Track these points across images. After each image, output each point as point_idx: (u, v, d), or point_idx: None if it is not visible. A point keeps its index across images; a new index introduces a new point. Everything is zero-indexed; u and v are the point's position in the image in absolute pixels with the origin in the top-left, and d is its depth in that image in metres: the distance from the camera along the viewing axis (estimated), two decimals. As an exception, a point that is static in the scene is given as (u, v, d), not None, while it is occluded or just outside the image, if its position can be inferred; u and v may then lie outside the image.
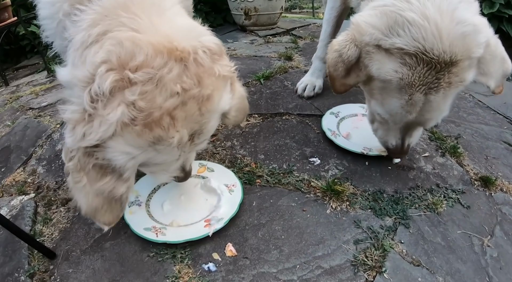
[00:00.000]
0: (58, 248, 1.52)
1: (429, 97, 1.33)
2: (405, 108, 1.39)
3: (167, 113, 1.00)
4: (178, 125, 1.04)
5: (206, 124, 1.15)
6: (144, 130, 0.99)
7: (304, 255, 1.43)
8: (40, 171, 2.08)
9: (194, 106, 1.06)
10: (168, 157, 1.13)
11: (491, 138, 2.20)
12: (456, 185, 1.80)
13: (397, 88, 1.35)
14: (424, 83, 1.29)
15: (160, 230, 1.49)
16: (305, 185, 1.76)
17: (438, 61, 1.24)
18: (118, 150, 1.03)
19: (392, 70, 1.31)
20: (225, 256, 1.43)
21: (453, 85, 1.31)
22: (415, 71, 1.27)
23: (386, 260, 1.41)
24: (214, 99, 1.12)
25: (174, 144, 1.05)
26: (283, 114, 2.32)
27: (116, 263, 1.43)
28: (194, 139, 1.16)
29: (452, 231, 1.55)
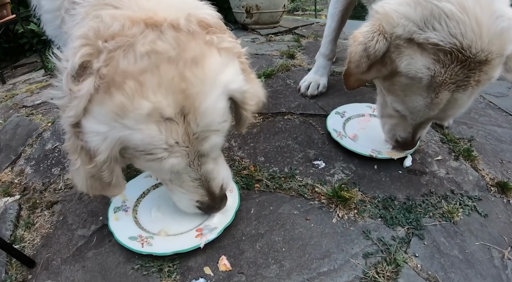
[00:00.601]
0: (38, 256, 1.41)
1: (455, 95, 1.23)
2: (429, 107, 1.29)
3: (131, 77, 0.88)
4: (147, 92, 0.88)
5: (200, 99, 0.95)
6: (104, 97, 0.89)
7: (307, 271, 1.27)
8: (28, 171, 1.98)
9: (172, 69, 0.91)
10: (146, 139, 0.94)
11: (505, 141, 2.07)
12: (472, 191, 1.67)
13: (425, 86, 1.24)
14: (454, 81, 1.19)
15: (146, 240, 1.34)
16: (308, 191, 1.60)
17: (474, 60, 1.13)
18: (90, 129, 0.95)
19: (424, 67, 1.20)
20: (218, 271, 1.28)
21: (481, 83, 1.21)
22: (448, 69, 1.17)
23: (400, 276, 1.26)
24: (205, 64, 0.96)
25: (143, 115, 0.89)
26: (285, 114, 2.16)
27: (97, 275, 1.31)
28: (189, 122, 0.95)
29: (470, 243, 1.42)
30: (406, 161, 1.76)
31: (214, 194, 1.22)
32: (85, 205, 1.63)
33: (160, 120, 0.92)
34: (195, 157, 1.07)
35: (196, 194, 1.20)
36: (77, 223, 1.54)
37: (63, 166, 1.95)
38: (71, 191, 1.75)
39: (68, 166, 1.92)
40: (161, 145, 0.96)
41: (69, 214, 1.60)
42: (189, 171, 1.13)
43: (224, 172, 1.25)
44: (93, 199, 1.65)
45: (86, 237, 1.46)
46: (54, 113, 2.52)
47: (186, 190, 1.19)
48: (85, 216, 1.57)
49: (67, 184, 1.81)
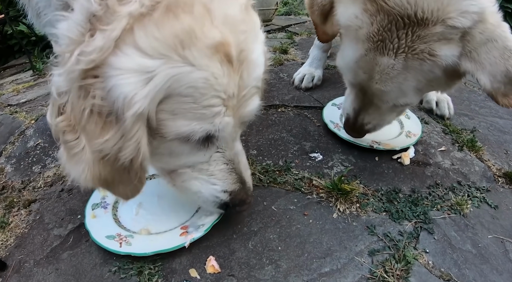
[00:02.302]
0: (11, 257, 1.27)
1: (386, 60, 1.09)
2: (359, 64, 1.18)
3: (200, 2, 0.71)
4: (217, 21, 0.73)
5: (254, 45, 0.82)
6: (166, 16, 0.68)
7: (307, 272, 1.10)
8: (8, 170, 1.81)
9: (235, 7, 0.78)
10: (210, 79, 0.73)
11: (508, 132, 1.96)
12: (480, 182, 1.54)
13: (354, 38, 1.15)
14: (383, 38, 1.07)
15: (125, 239, 1.16)
16: (305, 184, 1.44)
17: (401, 14, 1.00)
18: (126, 66, 0.68)
19: (353, 16, 1.12)
20: (205, 273, 1.10)
21: (418, 55, 1.05)
22: (375, 21, 1.06)
23: (411, 275, 1.10)
24: (253, 13, 0.85)
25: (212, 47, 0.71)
26: (278, 107, 2.00)
27: (71, 279, 1.14)
28: (242, 73, 0.79)
29: (482, 236, 1.29)
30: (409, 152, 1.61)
31: (245, 182, 1.00)
32: (64, 203, 1.47)
33: (224, 60, 0.74)
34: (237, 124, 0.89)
35: (227, 181, 0.97)
36: (53, 222, 1.38)
37: (44, 163, 1.79)
38: (50, 189, 1.60)
39: (49, 162, 1.79)
40: (221, 91, 0.77)
41: (46, 212, 1.44)
42: (223, 148, 0.93)
43: (244, 157, 1.04)
44: (73, 196, 1.49)
45: (62, 237, 1.30)
46: (38, 111, 2.37)
47: (217, 177, 0.96)
48: (63, 215, 1.41)
49: (47, 181, 1.66)
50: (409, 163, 1.57)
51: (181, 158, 0.92)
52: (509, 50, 1.01)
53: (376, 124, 1.41)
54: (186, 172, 0.97)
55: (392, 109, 1.34)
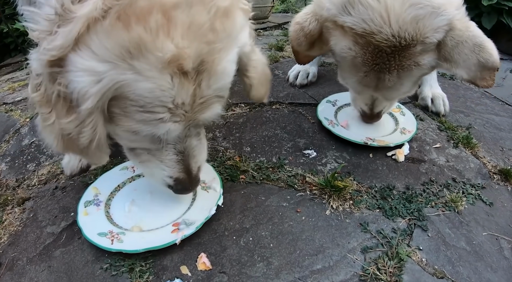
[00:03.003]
0: (4, 255, 1.25)
1: (383, 76, 1.25)
2: (362, 83, 1.34)
3: (160, 9, 0.69)
4: (175, 33, 0.70)
5: (220, 55, 0.80)
6: (116, 26, 0.68)
7: (298, 269, 1.08)
8: (2, 168, 1.79)
9: (204, 15, 0.74)
10: (155, 91, 0.75)
11: (504, 129, 1.94)
12: (475, 179, 1.52)
13: (352, 64, 1.28)
14: (376, 62, 1.22)
15: (117, 236, 1.14)
16: (299, 181, 1.42)
17: (387, 45, 1.15)
18: (82, 66, 0.72)
19: (346, 48, 1.25)
20: (196, 270, 1.08)
21: (406, 68, 1.22)
22: (367, 50, 1.20)
23: (404, 272, 1.08)
24: (235, 18, 0.81)
25: (163, 61, 0.70)
26: (273, 103, 1.98)
27: (63, 276, 1.13)
28: (200, 82, 0.79)
29: (477, 233, 1.27)
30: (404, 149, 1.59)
31: (191, 172, 1.04)
32: (57, 201, 1.45)
33: (176, 73, 0.74)
34: (188, 125, 0.90)
35: (175, 170, 1.02)
36: (47, 220, 1.36)
37: (39, 161, 1.76)
38: (44, 187, 1.57)
39: (43, 160, 1.77)
40: (168, 102, 0.78)
41: (40, 210, 1.42)
42: (176, 142, 0.96)
43: (204, 153, 1.10)
44: (67, 194, 1.47)
45: (55, 234, 1.28)
46: (33, 109, 2.34)
47: (166, 164, 1.00)
48: (56, 212, 1.39)
49: (41, 179, 1.63)
50: (403, 160, 1.55)
51: (137, 143, 0.98)
52: (478, 45, 1.16)
53: (386, 108, 1.59)
54: (143, 153, 1.03)
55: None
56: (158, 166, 1.02)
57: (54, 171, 1.63)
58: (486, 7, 3.15)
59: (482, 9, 3.16)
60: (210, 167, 1.40)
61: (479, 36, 1.17)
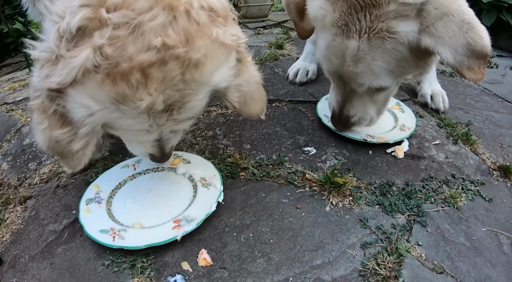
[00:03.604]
0: (6, 253, 1.25)
1: (352, 42, 1.15)
2: (330, 50, 1.23)
3: (139, 69, 0.80)
4: (151, 87, 0.83)
5: (190, 97, 0.93)
6: (105, 81, 0.80)
7: (298, 264, 1.08)
8: (4, 167, 1.80)
9: (176, 69, 0.84)
10: (135, 124, 0.94)
11: (504, 125, 1.94)
12: (474, 175, 1.52)
13: (322, 26, 1.22)
14: (345, 23, 1.13)
15: (118, 233, 1.14)
16: (298, 178, 1.42)
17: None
18: (77, 101, 0.86)
19: (318, 7, 1.20)
20: (197, 266, 1.08)
21: (379, 34, 1.10)
22: (336, 7, 1.13)
23: (403, 267, 1.08)
24: (204, 67, 0.89)
25: (142, 109, 0.86)
26: (272, 101, 1.98)
27: (65, 273, 1.13)
28: (172, 112, 0.95)
29: (476, 229, 1.27)
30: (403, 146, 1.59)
31: (164, 151, 1.19)
32: (59, 199, 1.46)
33: (151, 113, 0.91)
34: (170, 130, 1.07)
35: (151, 150, 1.17)
36: (49, 218, 1.36)
37: (40, 160, 1.77)
38: (46, 185, 1.58)
39: (45, 159, 1.78)
40: (145, 128, 0.96)
41: (41, 208, 1.43)
42: (155, 137, 1.09)
43: (178, 139, 1.24)
44: (68, 192, 1.48)
45: (57, 232, 1.29)
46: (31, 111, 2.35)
47: (144, 146, 1.15)
48: (58, 210, 1.39)
49: (43, 178, 1.64)
50: (403, 157, 1.55)
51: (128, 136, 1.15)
52: (467, 23, 1.03)
53: (361, 116, 1.45)
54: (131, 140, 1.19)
55: (372, 98, 1.39)
56: (138, 145, 1.17)
57: (55, 169, 1.64)
58: (485, 4, 3.14)
59: (482, 6, 3.15)
60: (210, 164, 1.40)
61: (468, 13, 1.05)
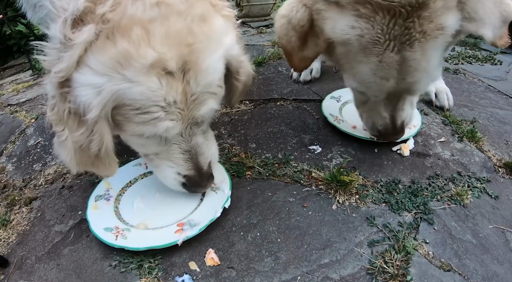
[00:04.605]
0: (12, 254, 1.26)
1: (404, 54, 1.01)
2: (378, 74, 1.08)
3: (139, 24, 0.81)
4: (154, 41, 0.82)
5: (203, 54, 0.89)
6: (105, 43, 0.80)
7: (306, 263, 1.08)
8: (9, 168, 1.81)
9: (180, 22, 0.85)
10: (146, 93, 0.86)
11: (509, 122, 1.93)
12: (480, 173, 1.51)
13: (359, 49, 1.05)
14: (391, 37, 0.99)
15: (122, 232, 1.15)
16: (305, 176, 1.42)
17: (401, 4, 0.93)
18: (84, 81, 0.85)
19: (347, 27, 1.02)
20: (205, 266, 1.09)
21: (430, 35, 0.99)
22: (374, 22, 0.98)
23: (411, 265, 1.08)
24: (212, 22, 0.90)
25: (147, 65, 0.82)
26: (277, 100, 1.98)
27: (72, 274, 1.13)
28: (189, 81, 0.89)
29: (483, 226, 1.26)
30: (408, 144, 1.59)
31: (201, 169, 1.12)
32: (64, 200, 1.46)
33: (162, 74, 0.85)
34: (188, 124, 1.00)
35: (184, 167, 1.10)
36: (54, 219, 1.37)
37: (45, 161, 1.78)
38: (51, 186, 1.59)
39: (49, 160, 1.79)
40: (160, 101, 0.88)
41: (47, 209, 1.43)
42: (179, 141, 1.05)
43: (213, 148, 1.18)
44: (74, 193, 1.48)
45: (63, 233, 1.29)
46: (38, 110, 2.35)
47: (174, 163, 1.09)
48: (64, 211, 1.40)
49: (48, 179, 1.65)
50: (408, 154, 1.55)
51: (145, 147, 1.09)
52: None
53: (409, 114, 1.36)
54: (154, 158, 1.13)
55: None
56: (167, 165, 1.11)
57: (60, 170, 1.65)
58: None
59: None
60: (221, 168, 1.39)
61: None
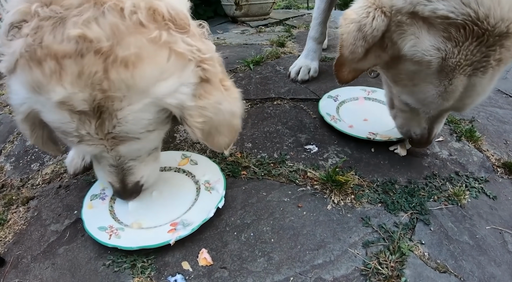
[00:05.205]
0: (9, 253, 1.25)
1: (473, 80, 0.97)
2: (443, 96, 1.03)
3: (53, 57, 0.76)
4: (65, 79, 0.77)
5: (121, 104, 0.81)
6: (25, 68, 0.80)
7: (299, 264, 1.07)
8: (7, 168, 1.80)
9: (97, 63, 0.76)
10: (58, 122, 0.85)
11: (508, 122, 1.91)
12: (478, 173, 1.49)
13: (436, 71, 0.98)
14: (470, 63, 0.93)
15: (116, 231, 1.14)
16: (300, 176, 1.40)
17: (493, 33, 0.88)
18: (12, 87, 0.87)
19: (433, 48, 0.94)
20: (197, 266, 1.07)
21: (503, 62, 0.95)
22: (462, 47, 0.91)
23: (405, 266, 1.06)
24: (138, 69, 0.78)
25: (55, 102, 0.79)
26: (274, 99, 1.96)
27: (66, 273, 1.13)
28: (104, 121, 0.83)
29: (480, 227, 1.24)
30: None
31: (126, 186, 1.09)
32: (61, 199, 1.46)
33: (73, 111, 0.81)
34: (112, 148, 0.92)
35: (109, 177, 1.07)
36: (51, 218, 1.36)
37: (42, 161, 1.77)
38: (48, 186, 1.58)
39: (47, 160, 1.78)
40: (72, 132, 0.87)
41: (44, 209, 1.43)
42: (106, 156, 0.98)
43: (147, 171, 1.10)
44: (70, 192, 1.48)
45: (59, 232, 1.29)
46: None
47: (103, 168, 1.06)
48: (60, 211, 1.39)
49: (45, 179, 1.64)
50: (405, 154, 1.53)
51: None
52: None
53: (442, 125, 1.34)
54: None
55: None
56: (100, 168, 1.09)
57: (57, 170, 1.64)
58: None
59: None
60: (217, 168, 1.37)
61: None
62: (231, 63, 2.42)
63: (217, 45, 3.01)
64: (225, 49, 2.85)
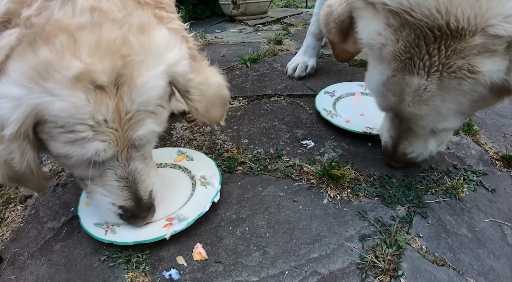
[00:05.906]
0: (6, 251, 1.25)
1: (418, 81, 0.92)
2: (387, 87, 1.02)
3: (66, 31, 0.71)
4: (81, 51, 0.71)
5: (140, 68, 0.79)
6: (26, 51, 0.71)
7: (294, 257, 1.05)
8: (5, 168, 1.77)
9: (115, 31, 0.75)
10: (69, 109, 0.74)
11: (507, 115, 1.89)
12: (476, 166, 1.47)
13: (379, 57, 0.99)
14: (410, 56, 0.90)
15: (111, 227, 1.13)
16: (296, 171, 1.39)
17: (429, 26, 0.82)
18: (1, 93, 0.73)
19: (375, 32, 0.96)
20: (192, 260, 1.06)
21: (455, 73, 0.87)
22: (400, 36, 0.89)
23: (402, 260, 1.04)
24: (152, 34, 0.81)
25: (70, 78, 0.71)
26: (271, 96, 1.95)
27: (62, 269, 1.12)
28: (123, 96, 0.78)
29: (479, 220, 1.22)
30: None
31: (141, 199, 1.00)
32: (58, 197, 1.45)
33: (90, 88, 0.74)
34: (124, 147, 0.87)
35: (120, 197, 0.97)
36: (48, 216, 1.36)
37: (41, 160, 1.75)
38: (45, 184, 1.57)
39: (45, 159, 1.77)
40: (87, 119, 0.76)
41: (41, 207, 1.42)
42: (115, 166, 0.91)
43: (153, 178, 1.04)
44: (67, 190, 1.46)
45: (56, 229, 1.28)
46: None
47: (109, 191, 0.95)
48: (57, 208, 1.38)
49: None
50: (403, 148, 1.51)
51: (76, 170, 0.95)
52: None
53: (420, 153, 1.25)
54: (86, 185, 0.98)
55: (434, 134, 1.18)
56: (101, 194, 0.97)
57: (55, 168, 1.63)
58: None
59: None
60: (213, 163, 1.36)
61: None
62: (228, 61, 2.41)
63: (214, 44, 3.01)
64: (223, 47, 2.84)
